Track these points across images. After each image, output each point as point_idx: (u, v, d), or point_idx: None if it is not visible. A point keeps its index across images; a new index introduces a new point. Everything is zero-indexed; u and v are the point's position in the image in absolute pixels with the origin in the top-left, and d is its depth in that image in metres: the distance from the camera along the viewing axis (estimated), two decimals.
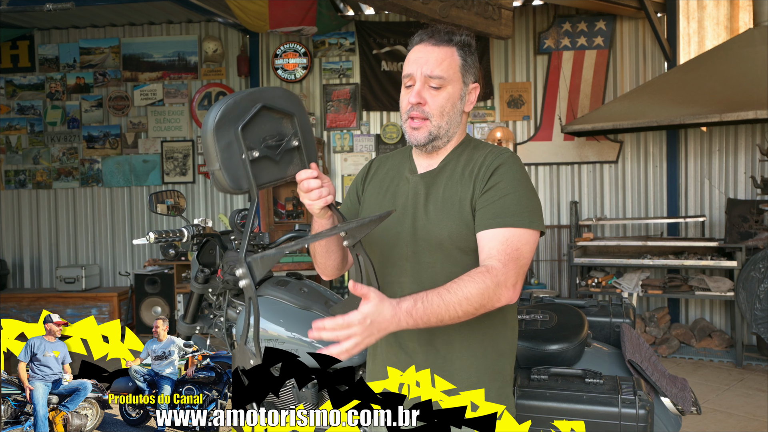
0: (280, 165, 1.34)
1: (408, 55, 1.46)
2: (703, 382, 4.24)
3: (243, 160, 1.27)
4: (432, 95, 1.41)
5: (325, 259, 1.52)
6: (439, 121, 1.42)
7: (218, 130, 1.24)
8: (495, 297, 1.28)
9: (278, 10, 4.73)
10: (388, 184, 1.54)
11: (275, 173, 1.33)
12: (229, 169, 1.26)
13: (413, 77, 1.42)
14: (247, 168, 1.28)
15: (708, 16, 5.55)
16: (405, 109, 1.44)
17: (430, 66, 1.40)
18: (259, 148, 1.29)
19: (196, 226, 2.31)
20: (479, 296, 1.25)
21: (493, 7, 4.55)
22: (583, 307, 2.27)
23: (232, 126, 1.26)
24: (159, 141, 6.32)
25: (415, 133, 1.43)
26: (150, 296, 5.77)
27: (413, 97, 1.41)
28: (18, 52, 6.44)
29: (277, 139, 1.33)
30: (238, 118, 1.27)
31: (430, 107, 1.41)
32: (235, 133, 1.26)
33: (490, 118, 5.90)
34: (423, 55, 1.42)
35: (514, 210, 1.35)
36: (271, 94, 1.32)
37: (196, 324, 2.46)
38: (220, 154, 1.25)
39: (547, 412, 1.72)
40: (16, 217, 6.54)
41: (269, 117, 1.32)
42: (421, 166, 1.51)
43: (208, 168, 1.29)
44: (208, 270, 2.35)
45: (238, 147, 1.27)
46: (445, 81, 1.41)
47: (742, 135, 5.36)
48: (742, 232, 4.75)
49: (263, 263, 1.20)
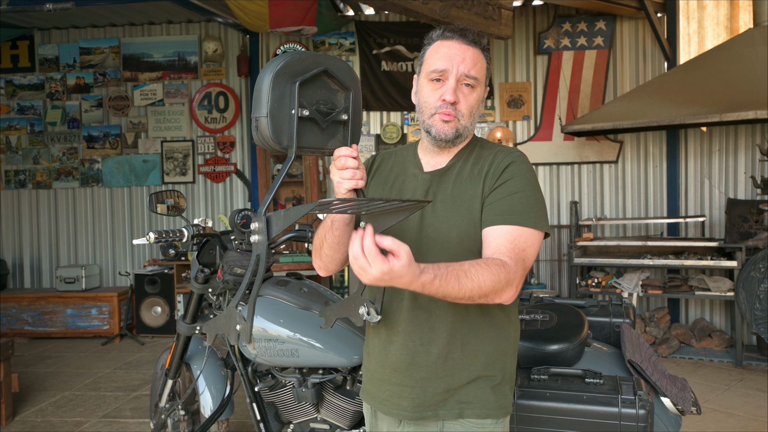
0: (324, 134, 1.32)
1: (435, 48, 1.41)
2: (703, 382, 4.24)
3: (292, 114, 1.25)
4: (464, 94, 1.39)
5: (334, 251, 1.47)
6: (467, 121, 1.41)
7: (276, 78, 1.23)
8: (500, 293, 1.26)
9: (278, 10, 4.73)
10: (393, 180, 1.51)
11: (317, 141, 1.31)
12: (275, 119, 1.24)
13: (447, 73, 1.37)
14: (293, 123, 1.25)
15: (708, 16, 5.55)
16: (432, 105, 1.39)
17: (467, 65, 1.37)
18: (311, 109, 1.27)
19: (196, 226, 2.31)
20: (489, 288, 1.23)
21: (493, 7, 4.55)
22: (583, 307, 2.27)
23: (291, 79, 1.24)
24: (159, 141, 6.33)
25: (444, 127, 1.39)
26: (150, 296, 5.77)
27: (450, 95, 1.36)
28: (18, 52, 6.45)
29: (329, 107, 1.31)
30: (298, 74, 1.25)
31: (461, 106, 1.39)
32: (291, 87, 1.24)
33: (490, 118, 5.90)
34: (458, 53, 1.37)
35: (522, 209, 1.34)
36: (335, 64, 1.31)
37: (196, 324, 2.46)
38: (270, 103, 1.23)
39: (547, 412, 1.72)
40: (16, 217, 6.54)
41: (327, 84, 1.30)
42: (428, 164, 1.49)
43: (254, 114, 1.26)
44: (208, 270, 2.35)
45: (290, 101, 1.25)
46: (477, 82, 1.40)
47: (742, 135, 5.36)
48: (742, 232, 4.75)
49: (285, 218, 1.16)
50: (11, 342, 3.74)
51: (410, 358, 1.42)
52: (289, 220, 1.16)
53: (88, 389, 4.36)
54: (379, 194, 1.52)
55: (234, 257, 2.23)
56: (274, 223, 1.18)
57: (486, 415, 1.41)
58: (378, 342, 1.48)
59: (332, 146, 1.33)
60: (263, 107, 1.24)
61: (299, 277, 2.35)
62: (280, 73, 1.23)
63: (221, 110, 6.24)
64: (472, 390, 1.41)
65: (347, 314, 1.47)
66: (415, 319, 1.42)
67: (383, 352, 1.47)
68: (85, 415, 3.85)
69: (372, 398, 1.51)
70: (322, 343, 2.06)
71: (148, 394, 4.16)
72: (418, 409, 1.41)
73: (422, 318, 1.41)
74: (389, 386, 1.45)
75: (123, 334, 5.78)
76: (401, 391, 1.43)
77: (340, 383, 2.17)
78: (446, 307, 1.39)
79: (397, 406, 1.44)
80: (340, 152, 1.30)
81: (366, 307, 1.42)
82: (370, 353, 1.53)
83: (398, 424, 1.47)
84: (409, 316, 1.42)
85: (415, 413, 1.41)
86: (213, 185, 6.32)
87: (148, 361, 5.02)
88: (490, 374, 1.43)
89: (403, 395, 1.43)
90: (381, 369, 1.47)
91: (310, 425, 2.23)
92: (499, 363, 1.44)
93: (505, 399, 1.45)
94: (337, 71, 1.31)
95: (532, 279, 5.77)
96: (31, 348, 5.59)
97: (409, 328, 1.42)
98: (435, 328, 1.41)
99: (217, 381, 2.53)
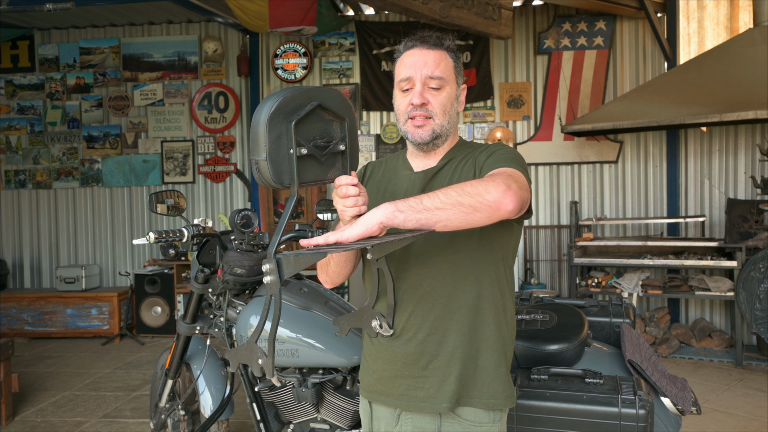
0: (323, 166, 1.33)
1: (400, 60, 1.48)
2: (703, 382, 4.24)
3: (291, 154, 1.26)
4: (433, 95, 1.44)
5: (341, 268, 1.53)
6: (441, 119, 1.45)
7: (272, 120, 1.24)
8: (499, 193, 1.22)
9: (278, 10, 4.74)
10: (386, 184, 1.56)
11: (317, 174, 1.33)
12: (275, 161, 1.25)
13: (412, 80, 1.44)
14: (293, 163, 1.27)
15: (708, 16, 5.55)
16: (404, 111, 1.46)
17: (430, 67, 1.43)
18: (308, 146, 1.29)
19: (196, 226, 2.31)
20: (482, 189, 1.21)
21: (493, 7, 4.55)
22: (583, 307, 2.27)
23: (286, 119, 1.25)
24: (159, 141, 6.33)
25: (419, 131, 1.45)
26: (150, 296, 5.77)
27: (416, 98, 1.42)
28: (18, 52, 6.45)
29: (325, 140, 1.33)
30: (292, 112, 1.26)
31: (433, 106, 1.44)
32: (287, 126, 1.25)
33: (490, 118, 5.90)
34: (420, 58, 1.44)
35: (506, 159, 1.40)
36: (327, 95, 1.32)
37: (196, 324, 2.46)
38: (268, 145, 1.24)
39: (547, 412, 1.73)
40: (16, 217, 6.54)
41: (321, 117, 1.32)
42: (418, 166, 1.53)
43: (253, 157, 1.28)
44: (208, 270, 2.36)
45: (287, 141, 1.26)
46: (444, 81, 1.44)
47: (742, 135, 5.36)
48: (742, 232, 4.75)
49: (295, 263, 1.17)
50: (11, 342, 3.74)
51: (419, 349, 1.43)
52: (300, 266, 1.17)
53: (88, 389, 4.36)
54: (373, 199, 1.52)
55: (234, 257, 2.23)
56: (285, 267, 1.18)
57: (494, 406, 1.43)
58: (383, 340, 1.49)
59: (332, 176, 1.35)
60: (262, 150, 1.25)
61: (299, 277, 2.34)
62: (275, 115, 1.24)
63: (221, 110, 6.24)
64: (482, 379, 1.43)
65: (360, 325, 1.49)
66: (419, 311, 1.43)
67: (389, 349, 1.48)
68: (85, 415, 3.85)
69: (385, 396, 1.50)
70: (322, 343, 2.06)
71: (148, 394, 4.16)
72: (435, 400, 1.42)
73: (426, 309, 1.43)
74: (404, 380, 1.46)
75: (123, 334, 5.79)
76: (416, 382, 1.44)
77: (340, 383, 2.17)
78: (448, 295, 1.42)
79: (414, 398, 1.45)
80: (340, 181, 1.32)
81: (378, 320, 1.45)
82: (375, 353, 1.53)
83: (396, 423, 1.48)
84: (413, 309, 1.44)
85: (434, 404, 1.42)
86: (213, 185, 6.32)
87: (148, 361, 5.02)
88: (497, 361, 1.45)
89: (418, 386, 1.44)
90: (391, 366, 1.48)
91: (310, 425, 2.23)
92: (503, 349, 1.47)
93: (510, 389, 1.47)
94: (330, 103, 1.32)
95: (532, 279, 5.77)
96: (31, 348, 5.59)
97: (413, 321, 1.44)
98: (440, 317, 1.42)
99: (217, 381, 2.53)
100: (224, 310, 2.34)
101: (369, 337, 1.55)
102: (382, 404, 1.52)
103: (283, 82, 6.12)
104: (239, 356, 1.34)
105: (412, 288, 1.44)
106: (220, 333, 2.40)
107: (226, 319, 2.36)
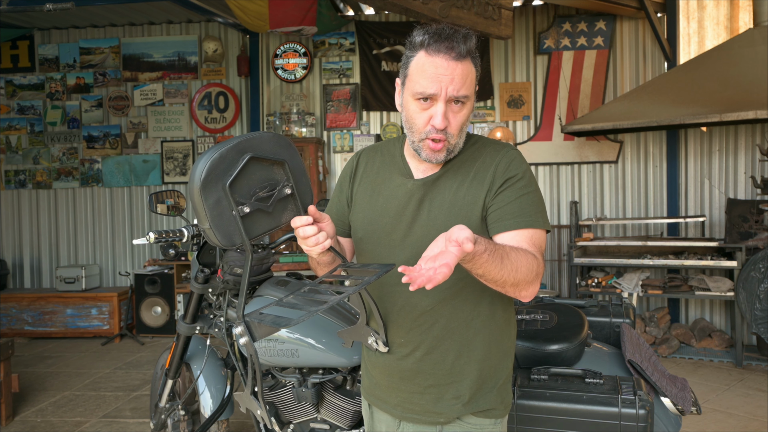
0: (274, 214, 1.29)
1: (421, 64, 1.30)
2: (703, 382, 4.24)
3: (233, 216, 1.22)
4: (453, 113, 1.33)
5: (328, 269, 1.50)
6: (457, 139, 1.36)
7: (205, 187, 1.19)
8: (529, 285, 1.27)
9: (278, 10, 4.73)
10: (381, 186, 1.48)
11: (269, 223, 1.28)
12: (220, 226, 1.22)
13: (436, 96, 1.30)
14: (238, 224, 1.22)
15: (708, 16, 5.55)
16: (422, 129, 1.33)
17: (456, 86, 1.29)
18: (250, 202, 1.24)
19: (196, 226, 2.30)
20: (523, 276, 1.24)
21: (493, 7, 4.54)
22: (583, 307, 2.27)
23: (220, 182, 1.20)
24: (159, 141, 6.32)
25: (434, 154, 1.35)
26: (150, 296, 5.77)
27: (439, 122, 1.30)
28: (18, 52, 6.45)
29: (268, 189, 1.27)
30: (225, 173, 1.20)
31: (451, 127, 1.33)
32: (223, 188, 1.20)
33: (490, 118, 5.90)
34: (446, 72, 1.28)
35: (532, 210, 1.35)
36: (259, 142, 1.26)
37: (196, 324, 2.46)
38: (209, 212, 1.20)
39: (547, 412, 1.72)
40: (16, 217, 6.54)
41: (259, 166, 1.26)
42: (418, 170, 1.44)
43: (199, 226, 1.25)
44: (208, 270, 2.35)
45: (227, 203, 1.21)
46: (467, 99, 1.33)
47: (742, 135, 5.36)
48: (742, 232, 4.75)
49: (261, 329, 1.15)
50: (11, 342, 3.74)
51: (416, 366, 1.42)
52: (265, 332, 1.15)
53: (88, 389, 4.36)
54: (365, 202, 1.49)
55: (234, 257, 2.22)
56: (254, 330, 1.16)
57: (493, 416, 1.43)
58: (381, 353, 1.49)
59: (287, 219, 1.31)
60: (204, 219, 1.21)
61: (299, 277, 2.34)
62: (207, 180, 1.19)
63: (221, 110, 6.24)
64: (480, 393, 1.42)
65: (359, 339, 1.49)
66: (417, 329, 1.41)
67: (387, 363, 1.47)
68: (85, 415, 3.85)
69: (383, 403, 1.51)
70: (322, 343, 2.06)
71: (148, 394, 4.16)
72: (432, 415, 1.42)
73: (425, 327, 1.41)
74: (401, 393, 1.46)
75: (123, 334, 5.78)
76: (412, 397, 1.44)
77: (340, 383, 2.17)
78: (448, 315, 1.39)
79: (410, 410, 1.45)
80: (295, 224, 1.26)
81: (374, 337, 1.44)
82: (374, 361, 1.52)
83: (398, 425, 1.48)
84: (411, 327, 1.42)
85: (431, 417, 1.42)
86: None
87: (148, 361, 5.02)
88: (496, 376, 1.44)
89: (415, 401, 1.44)
90: (388, 378, 1.47)
91: (310, 425, 2.23)
92: (503, 364, 1.45)
93: (508, 397, 1.47)
94: (263, 150, 1.26)
95: None
96: (31, 348, 5.59)
97: (410, 338, 1.42)
98: (439, 337, 1.40)
99: (217, 381, 2.53)
100: (224, 310, 2.34)
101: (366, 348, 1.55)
102: (381, 410, 1.52)
103: (283, 82, 6.12)
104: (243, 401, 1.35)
105: (409, 305, 1.40)
106: (220, 333, 2.39)
107: (226, 319, 2.36)
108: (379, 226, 1.44)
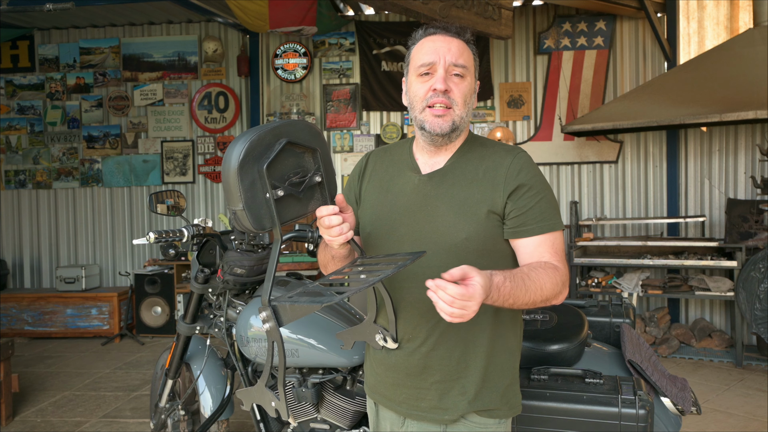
0: (302, 201, 1.30)
1: (419, 45, 1.40)
2: (703, 382, 4.24)
3: (267, 199, 1.23)
4: (455, 83, 1.37)
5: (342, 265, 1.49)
6: (461, 110, 1.38)
7: (242, 168, 1.19)
8: (558, 296, 1.32)
9: (278, 10, 4.73)
10: (389, 183, 1.49)
11: (297, 210, 1.29)
12: (252, 208, 1.22)
13: (435, 65, 1.36)
14: (271, 208, 1.23)
15: (708, 16, 5.55)
16: (423, 98, 1.37)
17: (454, 54, 1.36)
18: (284, 186, 1.25)
19: (196, 226, 2.31)
20: (549, 292, 1.29)
21: (493, 7, 4.55)
22: (583, 307, 2.27)
23: (256, 164, 1.21)
24: (159, 141, 6.33)
25: (438, 121, 1.36)
26: (150, 296, 5.77)
27: (440, 84, 1.34)
28: (18, 52, 6.45)
29: (300, 175, 1.28)
30: (261, 156, 1.22)
31: (454, 94, 1.36)
32: (259, 171, 1.21)
33: (490, 118, 5.90)
34: (443, 44, 1.37)
35: (550, 213, 1.38)
36: (294, 128, 1.28)
37: (196, 324, 2.46)
38: (243, 193, 1.20)
39: (547, 412, 1.72)
40: (16, 217, 6.54)
41: (292, 152, 1.27)
42: (426, 165, 1.46)
43: (230, 207, 1.24)
44: (208, 270, 2.35)
45: (261, 186, 1.22)
46: (466, 71, 1.38)
47: (742, 135, 5.36)
48: (742, 232, 4.75)
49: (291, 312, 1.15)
50: (11, 342, 3.74)
51: (423, 362, 1.42)
52: (297, 314, 1.15)
53: (88, 389, 4.36)
54: (374, 198, 1.50)
55: (234, 257, 2.22)
56: (282, 314, 1.16)
57: (497, 416, 1.42)
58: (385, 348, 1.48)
59: (313, 207, 1.32)
60: (237, 200, 1.21)
61: (299, 277, 2.34)
62: (245, 161, 1.20)
63: (221, 110, 6.24)
64: (485, 392, 1.41)
65: (364, 339, 1.48)
66: (425, 325, 1.41)
67: (392, 358, 1.47)
68: (85, 415, 3.85)
69: (388, 401, 1.50)
70: (322, 343, 2.06)
71: (148, 394, 4.16)
72: (438, 411, 1.42)
73: (432, 323, 1.40)
74: (407, 389, 1.45)
75: (123, 334, 5.78)
76: (419, 393, 1.44)
77: (340, 383, 2.17)
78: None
79: (415, 407, 1.44)
80: (321, 213, 1.27)
81: (381, 334, 1.43)
82: (378, 358, 1.52)
83: (402, 424, 1.48)
84: (417, 322, 1.42)
85: (436, 414, 1.42)
86: (213, 185, 6.32)
87: (148, 361, 5.02)
88: (502, 375, 1.43)
89: (421, 397, 1.44)
90: (394, 374, 1.47)
91: (310, 425, 2.23)
92: (509, 362, 1.45)
93: (514, 399, 1.46)
94: (299, 136, 1.27)
95: None
96: (31, 348, 5.59)
97: (417, 333, 1.42)
98: (444, 329, 1.40)
99: (217, 381, 2.53)
100: (224, 310, 2.34)
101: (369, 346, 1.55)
102: (386, 408, 1.52)
103: (283, 82, 6.12)
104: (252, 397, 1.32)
105: (417, 301, 1.40)
106: (220, 333, 2.40)
107: (226, 319, 2.36)
108: (387, 222, 1.45)
